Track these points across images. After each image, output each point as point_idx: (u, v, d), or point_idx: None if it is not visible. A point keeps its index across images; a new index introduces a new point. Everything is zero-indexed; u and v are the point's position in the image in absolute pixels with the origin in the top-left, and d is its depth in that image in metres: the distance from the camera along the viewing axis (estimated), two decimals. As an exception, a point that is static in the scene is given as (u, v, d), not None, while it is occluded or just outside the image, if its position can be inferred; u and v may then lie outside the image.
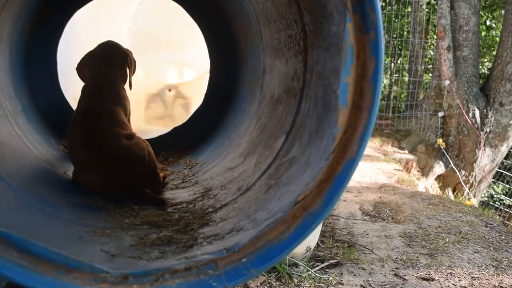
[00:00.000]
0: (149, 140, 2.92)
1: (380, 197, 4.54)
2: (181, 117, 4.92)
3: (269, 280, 2.56)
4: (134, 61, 3.20)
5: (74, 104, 3.73)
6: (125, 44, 5.06)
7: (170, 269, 1.46)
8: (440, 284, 2.70)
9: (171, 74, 5.66)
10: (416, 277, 2.75)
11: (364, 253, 3.09)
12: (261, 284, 2.53)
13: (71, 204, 2.29)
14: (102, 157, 2.63)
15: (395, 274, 2.77)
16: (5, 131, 2.44)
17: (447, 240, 3.39)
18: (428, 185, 7.58)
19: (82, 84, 3.01)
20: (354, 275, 2.75)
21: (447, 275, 2.81)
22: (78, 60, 3.06)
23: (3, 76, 2.77)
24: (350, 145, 1.51)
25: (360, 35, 1.52)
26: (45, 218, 1.94)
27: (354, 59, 1.52)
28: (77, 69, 3.10)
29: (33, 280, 1.35)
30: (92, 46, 3.10)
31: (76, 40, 4.44)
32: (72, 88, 3.93)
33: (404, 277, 2.73)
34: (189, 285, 1.43)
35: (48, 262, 1.39)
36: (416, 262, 2.96)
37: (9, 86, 2.89)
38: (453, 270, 2.88)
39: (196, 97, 5.03)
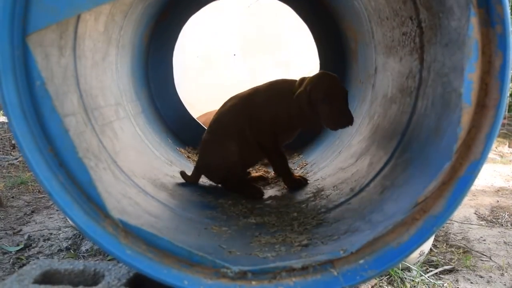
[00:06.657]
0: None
1: (498, 201, 4.27)
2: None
3: (381, 284, 2.51)
4: None
5: (188, 107, 3.90)
6: (234, 47, 5.21)
7: (287, 267, 1.47)
8: None
9: (278, 75, 5.70)
10: (541, 288, 2.56)
11: (481, 260, 2.93)
12: (372, 287, 2.49)
13: (189, 202, 2.40)
14: None
15: (516, 284, 2.60)
16: (128, 132, 2.59)
17: None
18: (551, 189, 7.03)
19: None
20: (471, 282, 2.61)
21: None
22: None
23: (125, 79, 2.95)
24: (475, 145, 1.44)
25: (485, 30, 1.45)
26: (167, 214, 2.04)
27: (479, 55, 1.44)
28: None
29: (158, 272, 1.43)
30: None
31: (187, 44, 4.63)
32: (184, 90, 4.10)
33: (527, 287, 2.56)
34: (306, 284, 1.44)
35: (173, 255, 1.46)
36: (540, 272, 2.76)
37: (130, 89, 3.07)
38: None
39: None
